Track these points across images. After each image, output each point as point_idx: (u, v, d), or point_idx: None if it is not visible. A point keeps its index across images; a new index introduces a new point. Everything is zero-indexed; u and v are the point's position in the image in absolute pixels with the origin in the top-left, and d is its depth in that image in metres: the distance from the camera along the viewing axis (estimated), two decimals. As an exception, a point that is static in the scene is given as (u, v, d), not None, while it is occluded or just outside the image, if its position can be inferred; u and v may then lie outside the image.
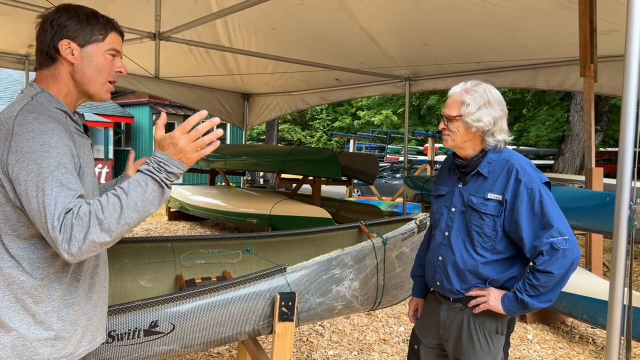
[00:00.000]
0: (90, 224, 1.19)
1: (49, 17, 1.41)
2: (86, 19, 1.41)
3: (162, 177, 1.27)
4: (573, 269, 1.76)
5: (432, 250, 2.05)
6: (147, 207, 1.26)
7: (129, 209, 1.23)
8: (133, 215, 1.24)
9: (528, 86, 6.77)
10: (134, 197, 1.24)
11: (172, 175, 1.29)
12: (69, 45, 1.39)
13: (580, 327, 4.42)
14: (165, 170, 1.28)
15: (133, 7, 5.06)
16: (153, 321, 1.85)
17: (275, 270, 2.13)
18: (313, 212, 6.47)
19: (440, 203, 2.05)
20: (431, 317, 2.08)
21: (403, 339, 3.99)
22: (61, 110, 1.39)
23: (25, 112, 1.30)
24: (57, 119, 1.33)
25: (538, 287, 1.76)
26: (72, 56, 1.40)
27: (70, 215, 1.19)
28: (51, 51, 1.39)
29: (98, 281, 1.47)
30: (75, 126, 1.42)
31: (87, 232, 1.18)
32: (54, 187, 1.21)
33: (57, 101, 1.40)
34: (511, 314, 1.87)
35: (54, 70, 1.41)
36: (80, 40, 1.41)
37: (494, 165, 1.89)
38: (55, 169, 1.23)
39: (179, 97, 9.38)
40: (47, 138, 1.25)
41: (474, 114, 1.85)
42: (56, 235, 1.18)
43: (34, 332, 1.31)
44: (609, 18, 4.51)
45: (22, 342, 1.30)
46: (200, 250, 2.70)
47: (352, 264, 2.36)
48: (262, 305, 2.09)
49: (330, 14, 5.21)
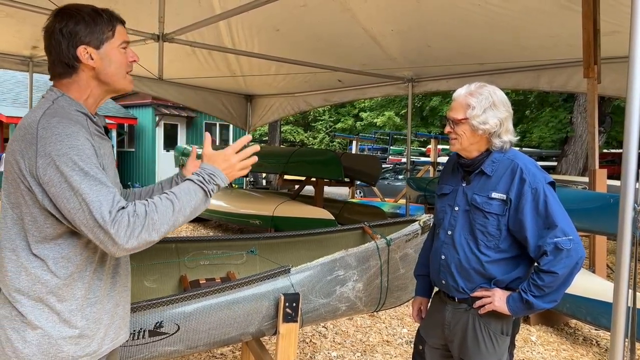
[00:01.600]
0: (145, 223, 1.28)
1: (55, 26, 1.41)
2: (92, 19, 1.42)
3: (210, 188, 1.42)
4: (577, 269, 1.76)
5: (436, 249, 2.06)
6: (192, 214, 1.39)
7: (179, 214, 1.35)
8: (180, 219, 1.36)
9: (531, 87, 6.76)
10: (184, 203, 1.36)
11: (217, 187, 1.44)
12: (86, 51, 1.41)
13: (584, 328, 4.41)
14: (214, 182, 1.43)
15: (136, 9, 5.08)
16: (158, 322, 1.85)
17: (279, 271, 2.13)
18: (315, 213, 6.47)
19: (443, 202, 2.05)
20: (436, 318, 2.08)
21: (406, 340, 3.99)
22: (81, 112, 1.41)
23: (48, 116, 1.33)
24: (78, 122, 1.36)
25: (542, 288, 1.76)
26: (92, 60, 1.42)
27: (127, 213, 1.27)
28: (71, 61, 1.41)
29: (119, 280, 1.51)
30: (96, 128, 1.45)
31: (141, 230, 1.27)
32: (93, 185, 1.27)
33: (77, 104, 1.42)
34: (516, 315, 1.88)
35: (75, 78, 1.44)
36: (95, 42, 1.43)
37: (498, 165, 1.90)
38: (90, 169, 1.28)
39: (182, 99, 9.40)
40: (74, 140, 1.29)
41: (480, 116, 1.85)
42: (108, 229, 1.24)
43: (58, 330, 1.35)
44: (612, 19, 4.50)
45: (48, 340, 1.33)
46: (204, 251, 2.71)
47: (355, 265, 2.36)
48: (266, 306, 2.10)
49: (333, 15, 5.21)
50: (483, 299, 1.88)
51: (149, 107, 15.48)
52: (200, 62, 7.29)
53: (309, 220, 6.36)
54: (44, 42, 1.45)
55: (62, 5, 1.45)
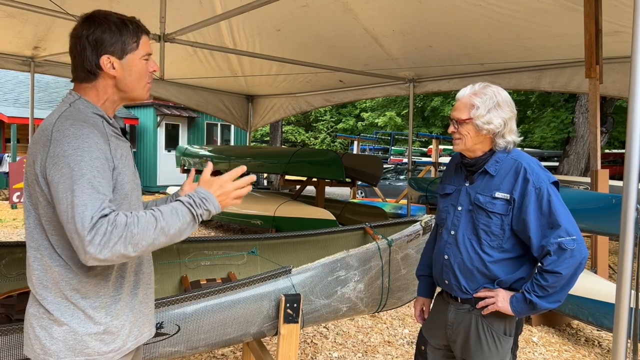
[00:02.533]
0: (123, 234, 1.25)
1: (82, 32, 1.43)
2: (118, 29, 1.44)
3: (199, 213, 1.38)
4: (581, 270, 1.75)
5: (438, 249, 2.05)
6: (175, 236, 1.35)
7: (160, 233, 1.31)
8: (161, 239, 1.32)
9: (532, 88, 6.74)
10: (168, 223, 1.32)
11: (207, 212, 1.40)
12: (109, 60, 1.44)
13: (586, 329, 4.40)
14: (205, 207, 1.39)
15: (138, 9, 5.08)
16: (158, 322, 1.85)
17: (280, 272, 2.12)
18: (317, 213, 6.46)
19: (446, 202, 2.04)
20: (439, 318, 2.07)
21: (408, 341, 3.98)
22: (98, 115, 1.44)
23: (63, 118, 1.36)
24: (94, 124, 1.39)
25: (546, 288, 1.75)
26: (113, 70, 1.45)
27: (107, 221, 1.25)
28: (94, 69, 1.44)
29: (143, 278, 1.54)
30: (113, 129, 1.48)
31: (117, 242, 1.24)
32: (85, 189, 1.27)
33: (94, 107, 1.45)
34: (520, 315, 1.87)
35: (95, 84, 1.47)
36: (119, 53, 1.45)
37: (502, 164, 1.89)
38: (88, 171, 1.29)
39: (183, 99, 9.41)
40: (81, 143, 1.31)
41: (484, 116, 1.85)
42: (84, 235, 1.23)
43: (84, 327, 1.38)
44: (614, 19, 4.49)
45: (74, 336, 1.37)
46: (205, 251, 2.70)
47: (357, 266, 2.35)
48: (267, 306, 2.09)
49: (335, 15, 5.21)
50: (486, 300, 1.87)
51: (150, 107, 15.49)
52: (202, 63, 7.29)
53: (310, 221, 6.35)
54: (69, 45, 1.47)
55: (92, 11, 1.47)
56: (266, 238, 2.86)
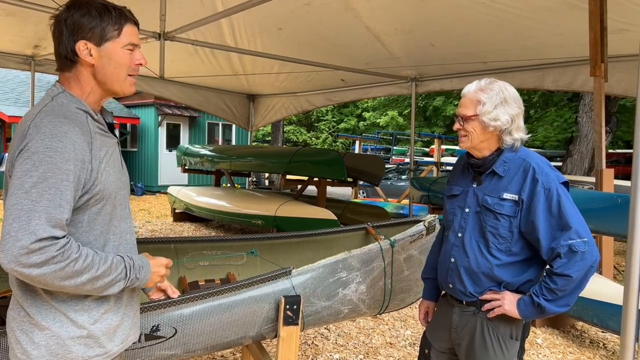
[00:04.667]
0: (59, 268, 1.20)
1: (61, 16, 1.37)
2: (98, 14, 1.37)
3: (131, 277, 1.37)
4: (592, 273, 1.70)
5: (445, 252, 2.00)
6: (98, 289, 1.30)
7: (89, 281, 1.27)
8: (87, 287, 1.27)
9: (536, 87, 6.68)
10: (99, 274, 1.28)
11: (136, 280, 1.39)
12: (86, 47, 1.36)
13: (591, 331, 4.35)
14: (137, 274, 1.39)
15: (138, 7, 5.02)
16: (154, 325, 1.80)
17: (280, 273, 2.08)
18: (318, 213, 6.42)
19: (453, 203, 1.99)
20: (443, 321, 2.02)
21: (410, 342, 3.93)
22: (82, 110, 1.37)
23: (43, 114, 1.30)
24: (75, 120, 1.32)
25: (555, 291, 1.70)
26: (90, 57, 1.37)
27: (55, 247, 1.20)
28: (69, 54, 1.37)
29: None
30: (98, 125, 1.40)
31: (49, 272, 1.19)
32: (45, 194, 1.21)
33: (77, 101, 1.38)
34: (527, 319, 1.82)
35: (76, 72, 1.40)
36: (97, 39, 1.37)
37: (510, 164, 1.84)
38: (53, 175, 1.22)
39: (184, 98, 9.37)
40: (56, 142, 1.24)
41: (491, 112, 1.80)
42: (25, 245, 1.17)
43: (66, 331, 1.32)
44: (619, 17, 4.43)
45: (56, 341, 1.32)
46: (204, 252, 2.66)
47: (359, 267, 2.30)
48: (266, 308, 2.04)
49: (336, 14, 5.16)
50: (492, 302, 1.82)
51: (152, 106, 15.45)
52: (203, 62, 7.25)
53: (311, 221, 6.31)
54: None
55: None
56: (266, 238, 2.81)
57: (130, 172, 14.92)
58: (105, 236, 1.40)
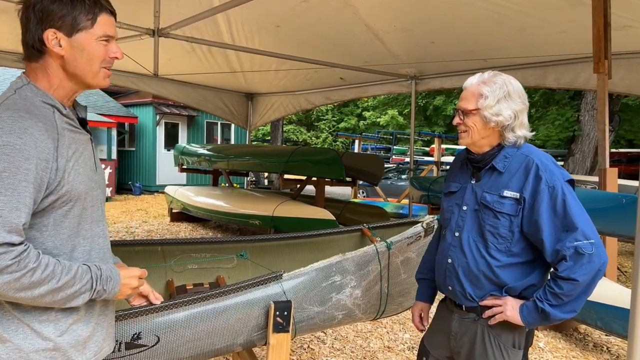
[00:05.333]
0: (14, 279, 1.12)
1: (30, 1, 1.26)
2: (70, 1, 1.26)
3: (98, 289, 1.28)
4: (600, 277, 1.59)
5: (442, 252, 1.90)
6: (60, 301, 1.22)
7: (48, 293, 1.18)
8: (45, 299, 1.19)
9: (537, 85, 6.58)
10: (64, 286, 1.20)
11: (103, 292, 1.30)
12: (55, 36, 1.25)
13: (594, 334, 4.25)
14: (105, 286, 1.29)
15: (132, 3, 4.93)
16: (135, 333, 1.70)
17: (270, 278, 1.97)
18: (316, 213, 6.32)
19: (451, 201, 1.88)
20: (442, 328, 1.92)
21: (408, 346, 3.83)
22: (48, 104, 1.26)
23: (4, 107, 1.20)
24: (40, 115, 1.21)
25: (561, 296, 1.59)
26: (59, 48, 1.26)
27: (10, 255, 1.11)
28: (36, 44, 1.26)
29: None
30: (67, 121, 1.29)
31: (11, 278, 1.11)
32: (1, 195, 1.11)
33: (43, 94, 1.27)
34: (530, 326, 1.70)
35: (43, 63, 1.28)
36: (67, 29, 1.26)
37: (511, 160, 1.73)
38: (12, 175, 1.12)
39: (182, 97, 9.28)
40: (15, 138, 1.14)
41: (493, 107, 1.69)
42: None
43: (30, 343, 1.22)
44: (623, 13, 4.34)
45: (19, 354, 1.21)
46: (193, 254, 2.55)
47: (353, 271, 2.20)
48: (255, 315, 1.94)
49: (335, 11, 5.08)
50: (493, 309, 1.71)
51: (150, 105, 15.35)
52: (200, 60, 7.15)
53: (309, 221, 6.21)
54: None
55: None
56: (258, 240, 2.71)
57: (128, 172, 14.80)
58: (74, 241, 1.29)
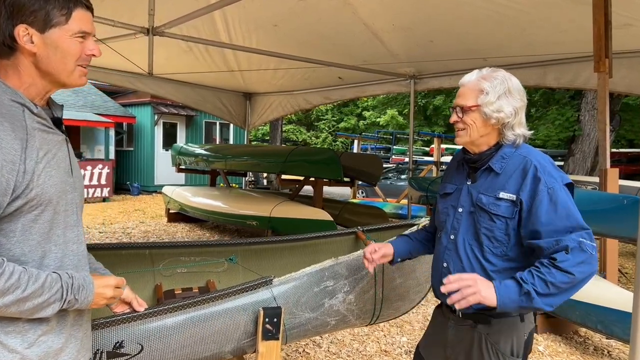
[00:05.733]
0: None
1: None
2: None
3: (69, 299, 1.21)
4: (587, 281, 1.50)
5: (437, 255, 1.83)
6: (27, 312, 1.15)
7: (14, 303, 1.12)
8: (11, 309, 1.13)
9: (537, 84, 6.52)
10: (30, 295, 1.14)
11: (75, 302, 1.23)
12: (26, 32, 1.18)
13: (595, 337, 4.18)
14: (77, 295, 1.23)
15: (128, 1, 4.86)
16: (117, 341, 1.63)
17: (259, 283, 1.91)
18: (314, 214, 6.25)
19: (446, 203, 1.81)
20: (437, 336, 1.85)
21: (406, 350, 3.76)
22: (18, 102, 1.19)
23: None
24: (7, 114, 1.14)
25: (550, 286, 1.47)
26: (31, 44, 1.19)
27: None
28: (7, 40, 1.18)
29: None
30: (39, 120, 1.22)
31: None
32: None
33: (13, 92, 1.20)
34: (504, 307, 1.52)
35: (14, 60, 1.21)
36: (40, 24, 1.19)
37: (508, 161, 1.66)
38: None
39: (180, 97, 9.23)
40: None
41: (494, 103, 1.62)
42: None
43: None
44: (624, 11, 4.28)
45: None
46: (182, 258, 2.48)
47: (347, 275, 2.13)
48: (244, 321, 1.87)
49: (334, 10, 5.02)
50: (463, 291, 1.51)
51: (148, 105, 15.28)
52: (198, 59, 7.10)
53: (306, 222, 6.14)
54: None
55: None
56: (249, 243, 2.64)
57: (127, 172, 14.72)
58: (44, 247, 1.22)
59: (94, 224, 8.98)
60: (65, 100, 14.46)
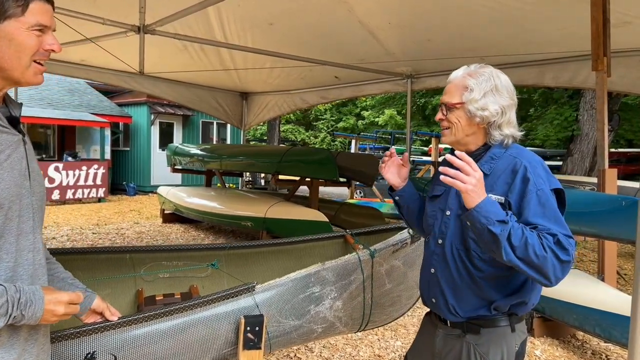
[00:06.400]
0: None
1: None
2: None
3: (15, 314, 1.12)
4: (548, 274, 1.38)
5: (425, 260, 1.76)
6: None
7: None
8: None
9: (535, 83, 6.45)
10: None
11: (21, 317, 1.14)
12: None
13: (592, 341, 4.10)
14: (24, 311, 1.14)
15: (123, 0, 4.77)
16: (89, 352, 1.55)
17: (241, 290, 1.82)
18: (309, 215, 6.17)
19: (434, 205, 1.73)
20: (425, 345, 1.78)
21: (400, 354, 3.68)
22: None
23: None
24: None
25: (524, 243, 1.36)
26: None
27: None
28: None
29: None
30: None
31: None
32: None
33: None
34: (474, 218, 1.40)
35: None
36: None
37: (497, 162, 1.57)
38: None
39: (176, 97, 9.15)
40: None
41: (479, 101, 1.55)
42: None
43: None
44: (623, 9, 4.21)
45: None
46: (164, 262, 2.40)
47: (334, 281, 2.05)
48: (225, 330, 1.79)
49: (329, 8, 4.95)
50: (459, 173, 1.39)
51: (144, 105, 15.18)
52: (193, 59, 7.01)
53: (301, 222, 6.06)
54: None
55: None
56: (233, 247, 2.56)
57: (123, 172, 14.62)
58: None
59: (88, 225, 8.90)
60: (61, 99, 14.37)
